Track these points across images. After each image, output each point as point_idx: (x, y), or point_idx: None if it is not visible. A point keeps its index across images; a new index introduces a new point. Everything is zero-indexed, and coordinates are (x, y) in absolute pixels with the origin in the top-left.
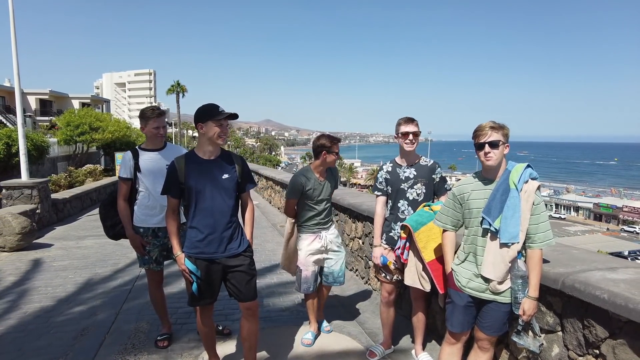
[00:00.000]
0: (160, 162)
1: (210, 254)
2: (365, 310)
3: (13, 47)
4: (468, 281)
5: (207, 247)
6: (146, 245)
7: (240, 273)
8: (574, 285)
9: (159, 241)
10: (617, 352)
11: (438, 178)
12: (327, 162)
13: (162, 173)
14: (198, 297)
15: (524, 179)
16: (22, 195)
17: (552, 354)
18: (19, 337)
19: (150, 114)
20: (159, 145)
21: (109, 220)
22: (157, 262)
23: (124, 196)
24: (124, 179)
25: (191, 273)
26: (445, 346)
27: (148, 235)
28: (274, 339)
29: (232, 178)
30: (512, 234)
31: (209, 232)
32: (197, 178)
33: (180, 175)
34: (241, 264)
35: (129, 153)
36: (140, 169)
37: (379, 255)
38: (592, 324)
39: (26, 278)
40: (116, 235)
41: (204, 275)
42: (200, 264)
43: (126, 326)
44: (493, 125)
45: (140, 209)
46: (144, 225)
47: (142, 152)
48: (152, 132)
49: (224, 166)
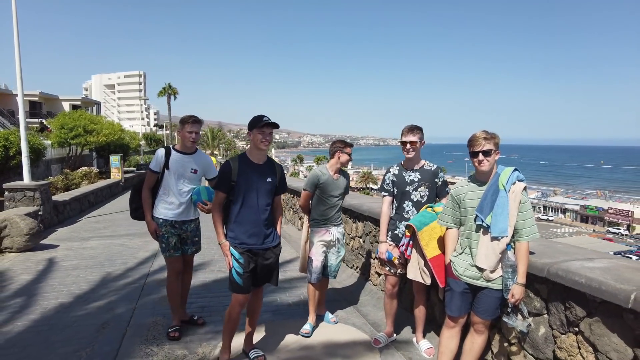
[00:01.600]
0: (187, 164)
1: (251, 245)
2: (367, 304)
3: (16, 52)
4: (464, 270)
5: (249, 239)
6: (159, 232)
7: (271, 264)
8: (557, 272)
9: (176, 231)
10: (593, 328)
11: (440, 182)
12: (341, 161)
13: (185, 175)
14: (239, 284)
15: (512, 181)
16: (24, 197)
17: (539, 333)
18: (43, 330)
19: (188, 119)
20: (190, 150)
21: (134, 203)
22: (176, 248)
23: (149, 185)
24: (152, 171)
25: (234, 259)
26: (445, 330)
27: (166, 226)
28: (282, 331)
29: (273, 182)
30: (502, 229)
31: (252, 226)
32: (246, 178)
33: (233, 174)
34: (273, 255)
35: (162, 150)
36: (169, 166)
37: (384, 251)
38: (573, 306)
39: (39, 277)
40: (138, 217)
41: (245, 260)
42: (241, 251)
43: (144, 320)
44: (485, 136)
45: (160, 202)
46: (163, 217)
47: (175, 152)
48: (185, 136)
49: (268, 171)
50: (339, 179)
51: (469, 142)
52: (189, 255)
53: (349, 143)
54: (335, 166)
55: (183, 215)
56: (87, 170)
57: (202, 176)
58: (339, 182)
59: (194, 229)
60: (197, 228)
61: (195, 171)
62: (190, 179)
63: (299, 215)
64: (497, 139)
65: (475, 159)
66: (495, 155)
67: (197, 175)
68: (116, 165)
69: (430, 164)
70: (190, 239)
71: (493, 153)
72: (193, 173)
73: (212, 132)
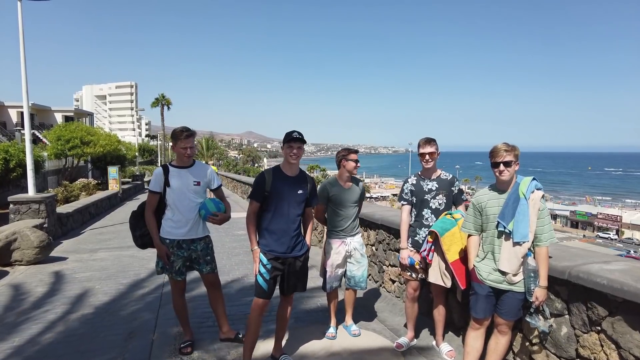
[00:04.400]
0: (188, 178)
1: (280, 253)
2: (383, 310)
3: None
4: (488, 274)
5: (279, 247)
6: (171, 255)
7: (299, 271)
8: (578, 275)
9: (183, 253)
10: (616, 327)
11: (456, 190)
12: (347, 168)
13: (189, 189)
14: (263, 289)
15: (531, 190)
16: (29, 210)
17: (561, 333)
18: (72, 341)
19: (180, 135)
20: (187, 163)
21: (138, 230)
22: (179, 273)
23: (152, 208)
24: (153, 192)
25: (261, 265)
26: (470, 331)
27: (173, 247)
28: (306, 337)
29: (304, 194)
30: (523, 234)
31: (282, 234)
32: (279, 189)
33: (267, 185)
34: (302, 264)
35: (161, 169)
36: (170, 184)
37: (406, 257)
38: (594, 306)
39: (54, 289)
40: (144, 245)
41: (272, 267)
42: (270, 257)
43: (169, 329)
44: (506, 148)
45: (166, 221)
46: (169, 237)
47: (173, 168)
48: (180, 152)
49: (300, 183)
50: (351, 187)
51: (491, 154)
52: (207, 275)
53: (352, 150)
54: (344, 175)
55: (192, 232)
56: (86, 181)
57: (207, 188)
58: (352, 190)
59: (204, 247)
60: (207, 246)
61: (198, 183)
62: (196, 192)
63: None
64: (517, 151)
65: (497, 169)
66: (515, 166)
67: (200, 187)
68: (114, 176)
69: (447, 173)
70: (202, 257)
71: (513, 164)
72: (196, 185)
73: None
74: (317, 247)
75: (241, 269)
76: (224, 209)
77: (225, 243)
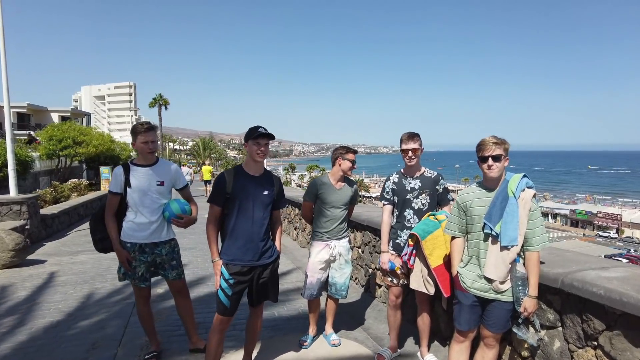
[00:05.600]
0: (151, 178)
1: (247, 262)
2: (368, 317)
3: (3, 63)
4: (473, 282)
5: (244, 255)
6: (132, 260)
7: (268, 281)
8: (572, 283)
9: (146, 257)
10: (614, 342)
11: (441, 189)
12: (342, 168)
13: (152, 189)
14: (225, 305)
15: (521, 188)
16: (10, 211)
17: (554, 347)
18: (30, 353)
19: (139, 128)
20: (150, 161)
21: (99, 233)
22: (142, 279)
23: (112, 210)
24: (113, 193)
25: (223, 279)
26: (454, 344)
27: (135, 251)
28: (281, 346)
29: (271, 195)
30: (512, 238)
31: (247, 241)
32: (242, 191)
33: (227, 186)
34: (271, 273)
35: (120, 168)
36: (131, 184)
37: (386, 261)
38: (590, 318)
39: (26, 295)
40: (105, 249)
41: (235, 282)
42: (234, 269)
43: (137, 339)
44: (496, 140)
45: (127, 224)
46: (131, 241)
47: (134, 167)
48: (141, 147)
49: (266, 183)
50: (342, 188)
51: (478, 147)
52: (173, 281)
53: (351, 149)
54: (338, 174)
55: (155, 236)
56: (77, 182)
57: (172, 187)
58: (342, 191)
59: (170, 251)
60: (173, 250)
61: (162, 183)
62: (159, 192)
63: (294, 225)
64: (507, 145)
65: (485, 164)
66: (505, 162)
67: (165, 187)
68: (106, 177)
69: (431, 171)
70: (168, 262)
71: (503, 159)
72: (160, 185)
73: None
74: (305, 249)
75: None
76: (190, 211)
77: (205, 246)
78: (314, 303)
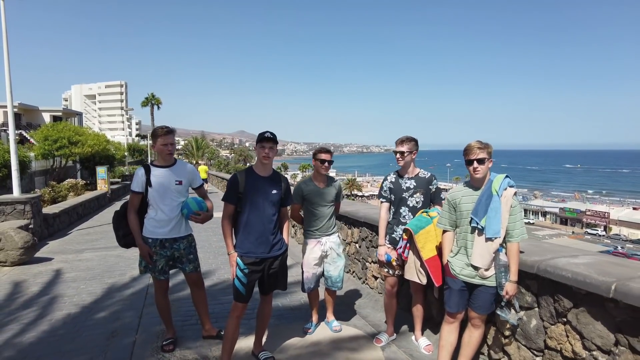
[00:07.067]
0: (170, 177)
1: (259, 254)
2: (366, 307)
3: (6, 65)
4: (461, 269)
5: (258, 248)
6: (153, 255)
7: (278, 271)
8: (546, 269)
9: (166, 252)
10: (579, 318)
11: (434, 188)
12: (315, 167)
13: (171, 188)
14: (241, 293)
15: (504, 187)
16: (14, 211)
17: (531, 325)
18: (53, 341)
19: (159, 132)
20: (169, 162)
21: (121, 230)
22: (161, 272)
23: (134, 208)
24: (135, 192)
25: (239, 269)
26: (444, 325)
27: (156, 246)
28: (288, 333)
29: (279, 193)
30: (495, 230)
31: (259, 235)
32: (253, 190)
33: (240, 186)
34: (281, 264)
35: (142, 169)
36: (152, 184)
37: (383, 253)
38: (561, 298)
39: (38, 289)
40: (127, 244)
41: (249, 271)
42: (248, 261)
43: (153, 328)
44: (480, 145)
45: (149, 221)
46: (152, 237)
47: (154, 168)
48: (161, 149)
49: (274, 183)
50: (326, 186)
51: (465, 151)
52: (190, 273)
53: (323, 148)
54: (317, 174)
55: (174, 232)
56: (74, 182)
57: (189, 187)
58: (327, 190)
59: (187, 246)
60: (190, 245)
61: (180, 182)
62: (178, 191)
63: (292, 222)
64: (490, 148)
65: (470, 167)
66: (489, 163)
67: (183, 186)
68: (102, 176)
69: (425, 172)
70: (185, 256)
71: (486, 161)
72: (178, 185)
73: (196, 141)
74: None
75: (226, 268)
76: (207, 208)
77: (212, 242)
78: (313, 295)
